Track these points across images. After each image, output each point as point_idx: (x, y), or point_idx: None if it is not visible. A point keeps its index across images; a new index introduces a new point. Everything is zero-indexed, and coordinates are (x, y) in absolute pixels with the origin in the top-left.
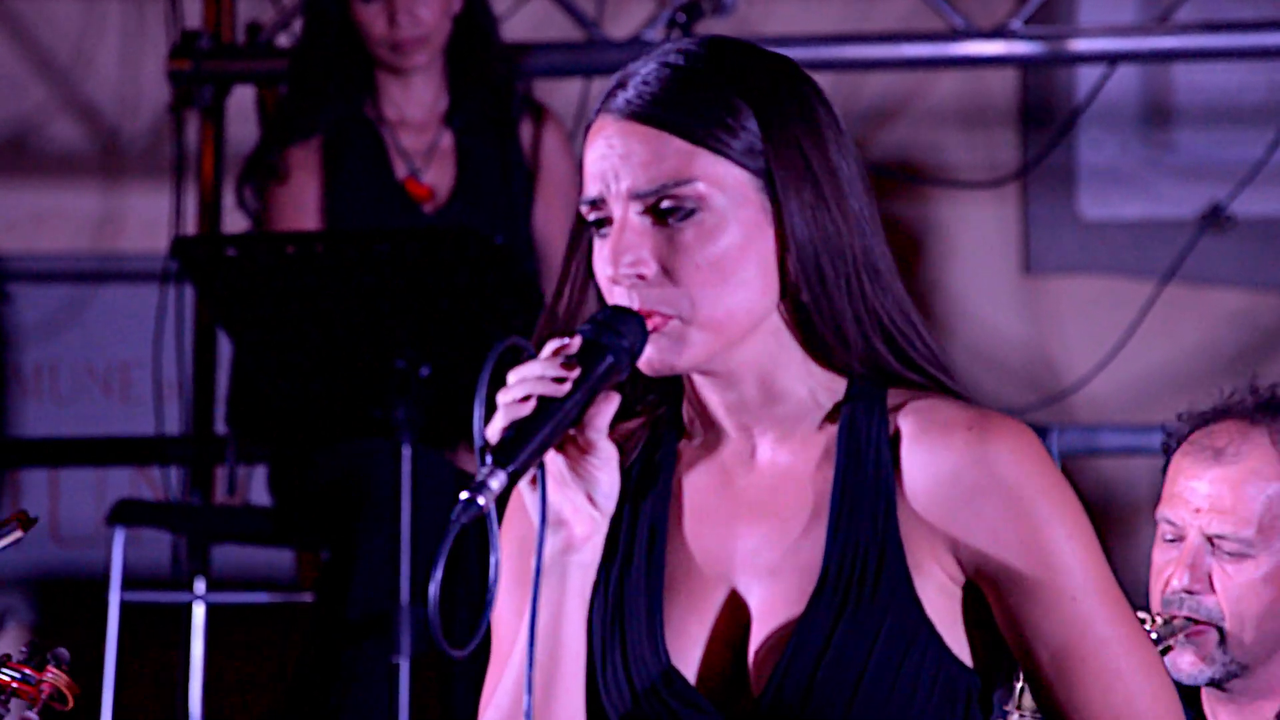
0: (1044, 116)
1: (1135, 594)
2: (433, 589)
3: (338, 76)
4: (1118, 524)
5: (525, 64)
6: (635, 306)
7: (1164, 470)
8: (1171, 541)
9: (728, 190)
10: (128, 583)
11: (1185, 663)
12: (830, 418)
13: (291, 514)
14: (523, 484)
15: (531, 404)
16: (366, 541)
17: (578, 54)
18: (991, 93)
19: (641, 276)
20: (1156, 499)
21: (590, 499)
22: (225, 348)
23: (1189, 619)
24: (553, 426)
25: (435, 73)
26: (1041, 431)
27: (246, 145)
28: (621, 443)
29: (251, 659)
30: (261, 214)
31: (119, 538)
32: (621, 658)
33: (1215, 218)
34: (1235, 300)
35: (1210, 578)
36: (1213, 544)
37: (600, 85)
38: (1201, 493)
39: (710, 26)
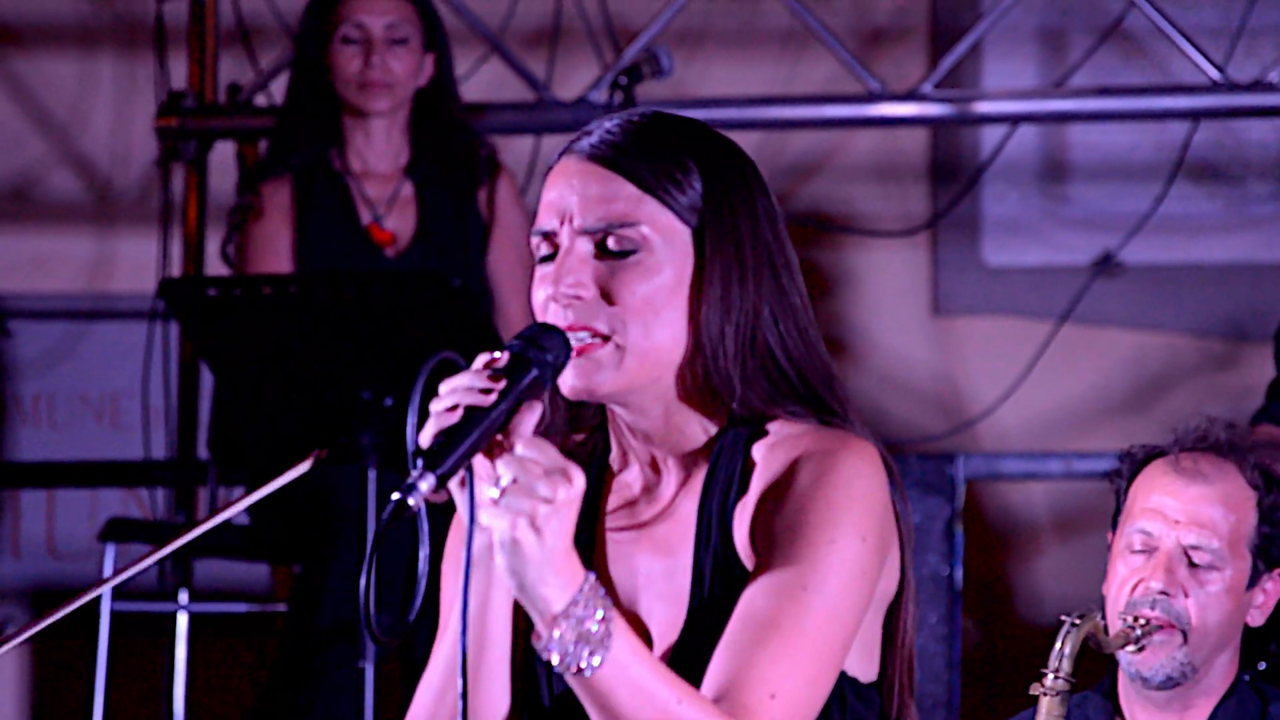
0: (951, 172)
1: (1032, 605)
2: (363, 580)
3: (310, 124)
4: (1016, 543)
5: (481, 122)
6: (568, 322)
7: (1124, 491)
8: (1140, 552)
9: (667, 238)
10: (118, 594)
11: (1149, 660)
12: (710, 454)
13: (267, 531)
14: (453, 484)
15: (460, 413)
16: (335, 556)
17: (529, 113)
18: (904, 150)
19: (579, 297)
20: (1114, 515)
21: None
22: (207, 380)
23: (1154, 623)
24: (479, 434)
25: (397, 128)
26: (949, 458)
27: (227, 195)
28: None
29: (231, 663)
30: (240, 251)
31: (110, 552)
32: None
33: (1106, 265)
34: (1125, 340)
35: (1183, 585)
36: (1187, 554)
37: (550, 141)
38: (1180, 507)
39: (650, 88)
